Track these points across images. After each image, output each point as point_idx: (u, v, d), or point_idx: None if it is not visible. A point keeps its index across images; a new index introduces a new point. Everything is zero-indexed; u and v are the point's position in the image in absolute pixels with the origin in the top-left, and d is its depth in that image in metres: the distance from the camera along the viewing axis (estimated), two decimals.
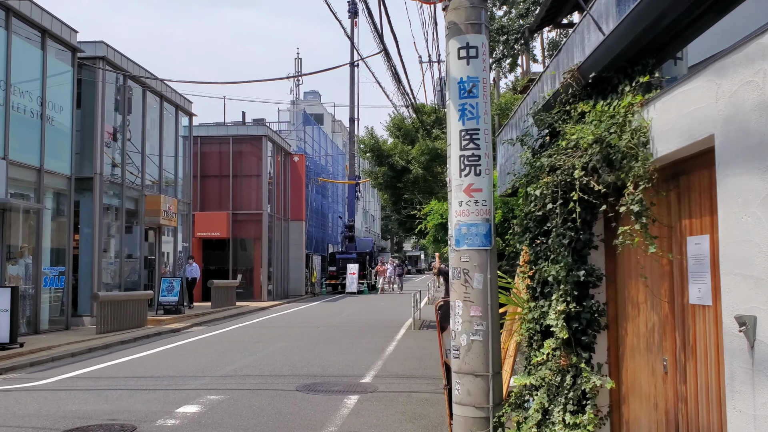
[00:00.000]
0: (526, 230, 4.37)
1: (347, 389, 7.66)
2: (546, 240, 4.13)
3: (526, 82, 12.82)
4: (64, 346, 11.36)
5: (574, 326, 3.87)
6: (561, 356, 3.89)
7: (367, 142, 15.32)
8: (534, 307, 4.25)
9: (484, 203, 4.40)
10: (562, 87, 4.14)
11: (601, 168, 3.48)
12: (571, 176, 3.70)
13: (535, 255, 4.28)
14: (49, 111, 13.76)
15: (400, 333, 13.52)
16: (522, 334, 4.47)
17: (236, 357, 10.23)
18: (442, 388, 7.40)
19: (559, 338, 3.88)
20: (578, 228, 3.85)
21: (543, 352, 4.06)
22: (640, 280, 3.54)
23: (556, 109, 4.29)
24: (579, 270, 3.84)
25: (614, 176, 3.37)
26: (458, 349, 4.39)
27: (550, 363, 4.02)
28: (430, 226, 12.92)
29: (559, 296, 3.86)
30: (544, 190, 3.87)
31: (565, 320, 3.87)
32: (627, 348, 3.79)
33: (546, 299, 4.14)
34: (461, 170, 4.44)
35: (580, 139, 3.53)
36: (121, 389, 7.76)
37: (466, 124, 4.46)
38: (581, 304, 3.87)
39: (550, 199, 3.87)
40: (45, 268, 13.58)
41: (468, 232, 4.39)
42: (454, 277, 4.45)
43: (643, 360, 3.56)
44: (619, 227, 3.30)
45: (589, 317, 3.86)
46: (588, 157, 3.53)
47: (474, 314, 4.34)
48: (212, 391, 7.56)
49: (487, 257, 4.37)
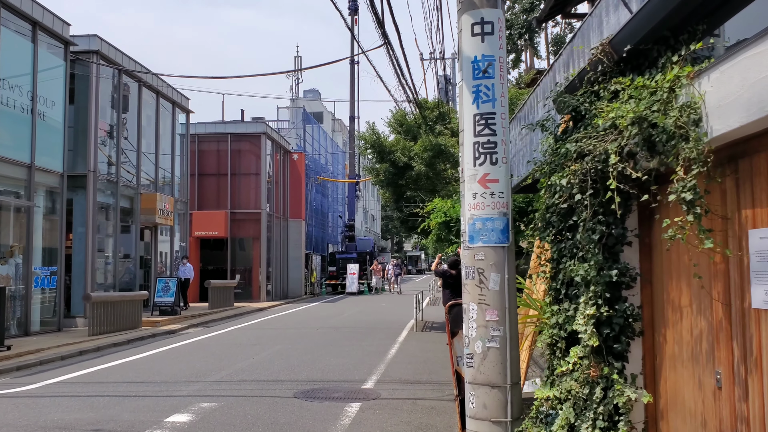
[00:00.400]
0: (548, 225, 3.93)
1: (348, 396, 7.23)
2: (571, 236, 3.69)
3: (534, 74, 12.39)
4: (54, 349, 10.92)
5: (605, 332, 3.44)
6: (590, 366, 3.45)
7: (368, 138, 14.90)
8: (557, 311, 3.82)
9: (500, 195, 3.96)
10: (589, 64, 3.71)
11: (639, 152, 3.05)
12: (604, 163, 3.26)
13: (558, 252, 3.84)
14: (41, 106, 13.32)
15: (402, 335, 13.09)
16: (543, 341, 4.03)
17: (232, 360, 9.80)
18: (453, 398, 6.97)
19: (587, 346, 3.45)
20: (610, 222, 3.42)
21: (568, 361, 3.62)
22: (683, 280, 3.10)
23: (582, 90, 3.85)
24: (611, 269, 3.41)
25: (657, 161, 2.94)
26: (472, 357, 3.96)
27: (576, 373, 3.58)
28: (433, 225, 12.47)
29: (588, 298, 3.43)
30: (572, 179, 3.43)
31: (595, 326, 3.43)
32: (666, 357, 3.35)
33: (571, 302, 3.71)
34: (475, 158, 4.01)
35: (618, 118, 3.08)
36: (109, 396, 7.32)
37: (480, 107, 4.03)
38: (613, 308, 3.44)
39: (577, 189, 3.43)
40: (36, 267, 13.15)
41: (483, 228, 3.95)
42: (468, 278, 4.01)
43: (686, 371, 3.12)
44: (662, 220, 2.86)
45: (622, 322, 3.43)
46: (624, 141, 3.09)
47: (490, 318, 3.90)
48: (205, 398, 7.13)
49: (504, 255, 3.94)
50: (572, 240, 3.68)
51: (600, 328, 3.44)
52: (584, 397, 3.51)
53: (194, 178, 23.70)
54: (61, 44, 14.17)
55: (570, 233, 3.71)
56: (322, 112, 46.18)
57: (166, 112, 19.61)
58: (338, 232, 37.16)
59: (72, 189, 14.79)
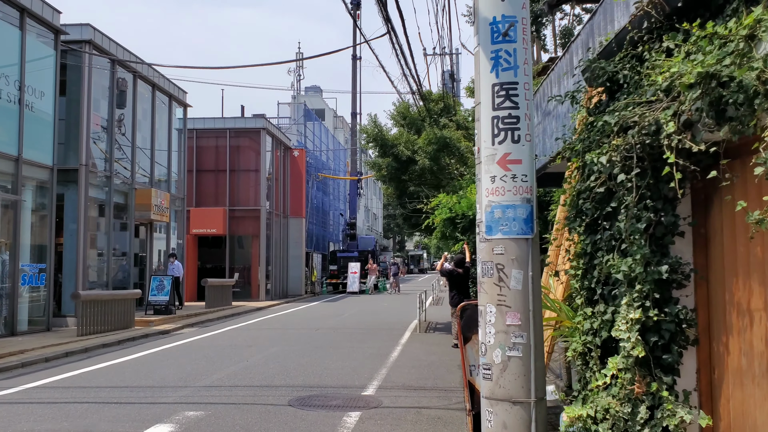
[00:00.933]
0: (579, 213, 3.36)
1: (347, 404, 6.66)
2: (609, 225, 3.12)
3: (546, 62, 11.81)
4: (38, 350, 10.38)
5: (651, 340, 2.86)
6: (634, 380, 2.88)
7: (370, 131, 14.32)
8: (591, 315, 3.24)
9: (524, 178, 3.39)
10: (631, 22, 3.13)
11: (702, 120, 2.47)
12: (654, 136, 2.69)
13: (592, 245, 3.26)
14: (29, 96, 12.77)
15: (405, 336, 12.52)
16: (574, 349, 3.46)
17: (225, 363, 9.24)
18: (461, 408, 6.41)
19: (630, 356, 2.87)
20: (658, 208, 2.84)
21: (605, 373, 3.05)
22: (754, 278, 2.53)
23: (622, 54, 3.28)
24: (660, 264, 2.83)
25: (726, 129, 2.36)
26: (490, 367, 3.39)
27: (615, 388, 3.01)
28: (438, 222, 11.90)
29: (632, 299, 2.85)
30: (613, 156, 2.85)
31: (640, 332, 2.86)
32: (729, 372, 2.78)
33: (608, 304, 3.13)
34: (494, 135, 3.43)
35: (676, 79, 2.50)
36: (89, 402, 6.77)
37: (500, 76, 3.45)
38: (662, 311, 2.86)
39: (620, 169, 2.86)
40: (24, 264, 12.61)
41: (503, 216, 3.38)
42: (485, 275, 3.44)
43: (759, 390, 2.55)
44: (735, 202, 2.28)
45: (673, 328, 2.85)
46: (683, 106, 2.52)
47: (511, 322, 3.33)
48: (192, 405, 6.56)
49: (528, 248, 3.37)
50: (610, 230, 3.10)
51: (646, 335, 2.87)
52: (625, 417, 2.94)
53: (192, 174, 23.17)
54: (51, 33, 13.63)
55: (607, 222, 3.14)
56: (323, 108, 45.62)
57: (162, 105, 19.06)
58: (339, 230, 36.62)
59: (64, 184, 14.26)
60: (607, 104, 3.41)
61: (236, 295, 21.62)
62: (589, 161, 3.09)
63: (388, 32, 12.80)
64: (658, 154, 2.75)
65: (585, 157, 3.16)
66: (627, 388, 2.92)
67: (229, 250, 23.78)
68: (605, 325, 3.14)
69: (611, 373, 3.02)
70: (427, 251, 76.30)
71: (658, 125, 2.67)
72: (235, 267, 24.00)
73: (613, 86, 3.41)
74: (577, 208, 3.40)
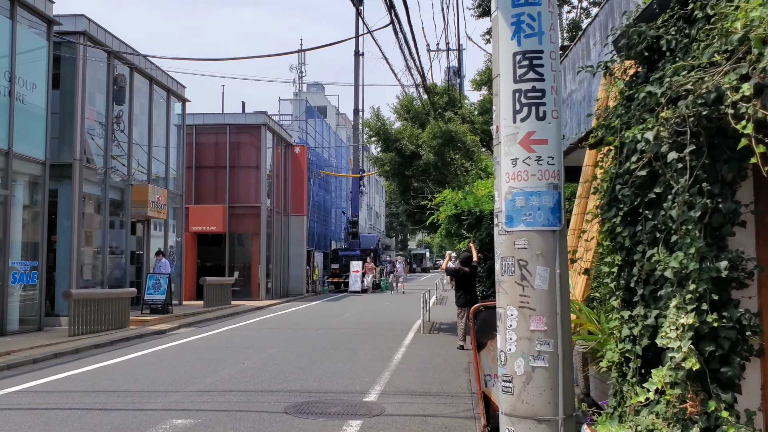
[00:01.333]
0: (614, 200, 2.90)
1: (347, 411, 6.21)
2: (652, 214, 2.66)
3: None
4: (26, 351, 9.95)
5: (707, 350, 2.41)
6: (685, 397, 2.43)
7: (373, 125, 13.87)
8: (629, 319, 2.79)
9: (550, 161, 2.94)
10: None
11: None
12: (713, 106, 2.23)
13: (631, 237, 2.81)
14: (19, 88, 12.34)
15: (409, 337, 12.07)
16: (609, 359, 3.00)
17: (220, 366, 8.81)
18: (469, 415, 5.96)
19: (681, 369, 2.42)
20: (715, 193, 2.39)
21: (648, 388, 2.59)
22: None
23: (666, 15, 2.82)
24: (718, 259, 2.38)
25: None
26: (511, 379, 2.93)
27: (661, 406, 2.56)
28: (443, 218, 11.43)
29: (684, 302, 2.40)
30: (661, 131, 2.40)
31: (694, 340, 2.40)
32: None
33: (650, 306, 2.68)
34: (515, 112, 2.98)
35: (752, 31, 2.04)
36: (72, 409, 6.33)
37: (522, 43, 3.00)
38: (720, 315, 2.40)
39: (669, 146, 2.40)
40: (14, 262, 12.19)
41: (526, 205, 2.93)
42: (505, 272, 2.99)
43: None
44: None
45: (733, 336, 2.40)
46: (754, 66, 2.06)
47: (536, 328, 2.88)
48: (181, 412, 6.13)
49: (554, 242, 2.92)
50: (653, 220, 2.65)
51: (700, 344, 2.41)
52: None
53: (191, 171, 22.74)
54: (44, 23, 13.19)
55: (650, 211, 2.68)
56: (326, 106, 45.18)
57: (160, 100, 18.64)
58: (341, 228, 36.19)
59: (57, 179, 13.84)
60: (645, 76, 2.95)
61: (236, 294, 21.20)
62: (629, 139, 2.64)
63: (391, 22, 12.35)
64: (716, 129, 2.30)
65: (624, 136, 2.71)
66: (676, 406, 2.47)
67: (229, 248, 23.37)
68: (647, 331, 2.68)
69: (657, 387, 2.56)
70: (429, 250, 75.82)
71: (720, 92, 2.22)
72: (235, 265, 23.58)
73: (653, 55, 2.95)
74: (612, 195, 2.94)
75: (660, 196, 2.61)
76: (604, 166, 3.05)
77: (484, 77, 14.98)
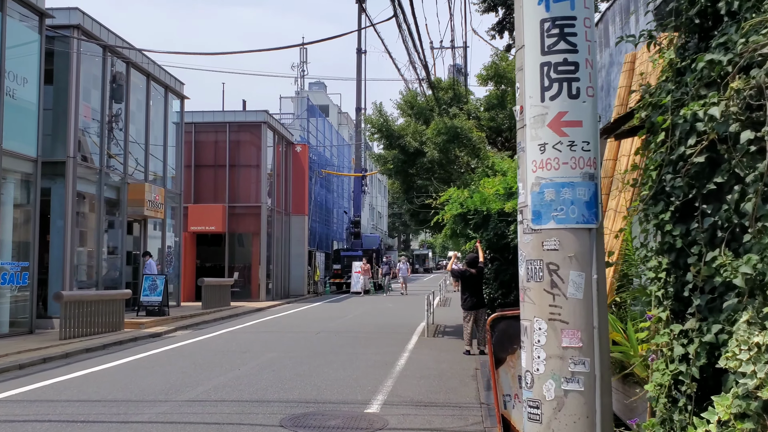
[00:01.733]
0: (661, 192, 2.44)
1: (347, 424, 5.77)
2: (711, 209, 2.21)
3: None
4: (13, 356, 9.52)
5: None
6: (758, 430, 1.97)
7: (375, 121, 13.42)
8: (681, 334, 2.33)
9: (585, 146, 2.48)
10: None
11: None
12: None
13: (683, 237, 2.35)
14: (10, 83, 11.92)
15: (412, 341, 11.62)
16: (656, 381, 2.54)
17: (215, 372, 8.37)
18: (479, 429, 5.52)
19: (754, 398, 1.96)
20: None
21: (708, 418, 2.14)
22: None
23: None
24: None
25: None
26: (538, 405, 2.48)
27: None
28: (448, 218, 10.95)
29: (759, 316, 1.94)
30: (730, 105, 1.94)
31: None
32: None
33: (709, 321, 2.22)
34: (544, 88, 2.52)
35: None
36: (53, 420, 5.90)
37: (551, 8, 2.54)
38: None
39: (741, 125, 1.95)
40: (4, 263, 11.78)
41: (557, 199, 2.48)
42: (531, 278, 2.53)
43: None
44: None
45: None
46: None
47: (569, 344, 2.42)
48: (168, 425, 5.68)
49: (591, 242, 2.46)
50: (713, 216, 2.19)
51: None
52: None
53: (190, 170, 22.34)
54: (36, 15, 12.78)
55: (709, 205, 2.22)
56: (327, 105, 44.76)
57: (158, 96, 18.22)
58: (343, 228, 35.76)
59: (50, 177, 13.42)
60: (697, 47, 2.50)
61: (236, 295, 20.78)
62: (684, 119, 2.18)
63: (395, 14, 11.91)
64: None
65: (680, 113, 2.25)
66: None
67: (229, 249, 22.97)
68: (704, 350, 2.23)
69: (717, 418, 2.11)
70: (432, 250, 75.35)
71: None
72: (235, 266, 23.17)
73: (705, 22, 2.50)
74: (658, 186, 2.48)
75: (721, 186, 2.16)
76: (647, 153, 2.60)
77: (490, 72, 14.53)
